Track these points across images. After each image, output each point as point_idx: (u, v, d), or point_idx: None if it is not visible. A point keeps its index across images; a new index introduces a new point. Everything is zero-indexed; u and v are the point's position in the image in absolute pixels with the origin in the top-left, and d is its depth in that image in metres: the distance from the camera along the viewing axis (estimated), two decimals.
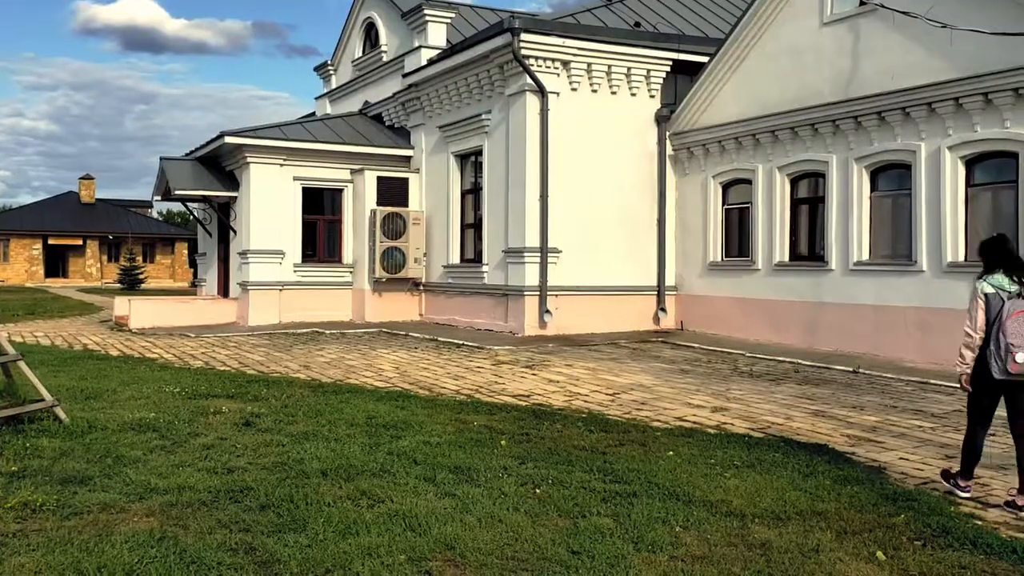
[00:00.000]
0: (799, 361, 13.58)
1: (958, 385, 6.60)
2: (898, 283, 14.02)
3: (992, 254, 6.32)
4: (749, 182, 16.92)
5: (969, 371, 6.23)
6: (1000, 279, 6.17)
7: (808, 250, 16.04)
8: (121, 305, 21.83)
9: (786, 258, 16.19)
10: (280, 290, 20.62)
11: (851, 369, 12.70)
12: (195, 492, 5.98)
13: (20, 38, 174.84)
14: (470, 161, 19.93)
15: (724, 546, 5.19)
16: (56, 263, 63.18)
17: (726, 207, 17.67)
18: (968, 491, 6.34)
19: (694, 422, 8.94)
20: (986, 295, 6.16)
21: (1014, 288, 6.11)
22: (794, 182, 16.23)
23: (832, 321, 15.03)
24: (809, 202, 16.09)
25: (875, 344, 14.19)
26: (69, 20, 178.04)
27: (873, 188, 14.74)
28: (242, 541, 5.05)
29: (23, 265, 61.20)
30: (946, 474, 6.60)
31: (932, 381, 11.41)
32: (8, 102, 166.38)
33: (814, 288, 15.43)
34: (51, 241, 62.08)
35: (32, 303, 31.57)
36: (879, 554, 5.09)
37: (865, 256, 14.70)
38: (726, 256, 17.60)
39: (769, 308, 16.26)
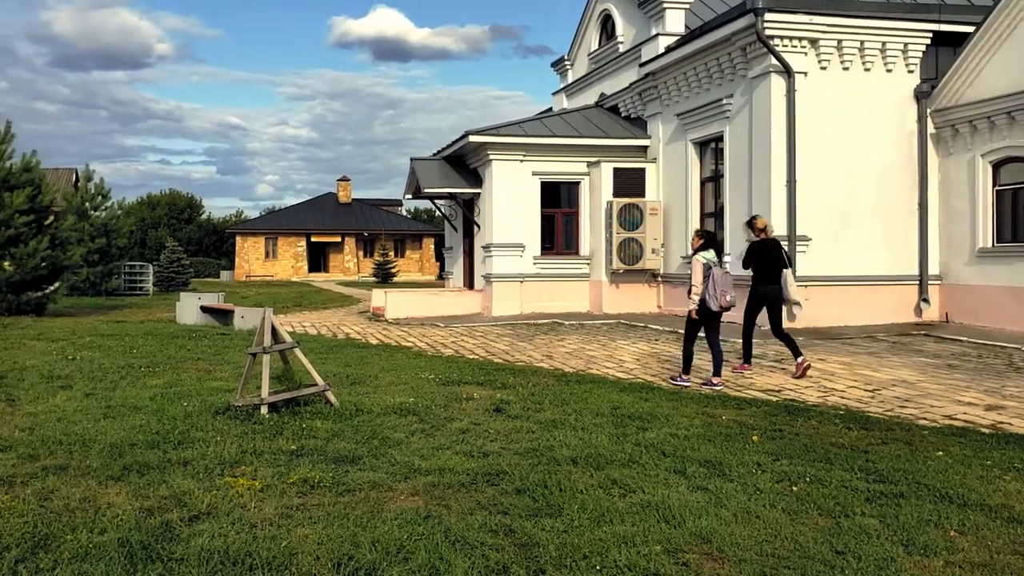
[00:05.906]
0: None
1: (686, 315, 10.55)
2: None
3: (703, 239, 10.40)
4: (1023, 160, 15.40)
5: (695, 308, 10.19)
6: (711, 255, 10.28)
7: None
8: (378, 297, 23.27)
9: None
10: (521, 282, 21.18)
11: None
12: (455, 474, 6.24)
13: (283, 55, 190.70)
14: (710, 148, 19.50)
15: (1008, 554, 4.76)
16: (318, 259, 68.48)
17: (997, 188, 16.19)
18: (688, 383, 10.25)
19: (965, 421, 8.26)
20: (704, 264, 10.15)
21: (717, 260, 10.33)
22: None
23: None
24: None
25: None
26: (326, 35, 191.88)
27: None
28: (501, 523, 5.20)
29: (289, 261, 66.72)
30: (674, 377, 10.58)
31: None
32: (274, 112, 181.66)
33: None
34: (313, 239, 67.31)
35: (299, 296, 34.37)
36: None
37: None
38: (998, 242, 16.12)
39: None
